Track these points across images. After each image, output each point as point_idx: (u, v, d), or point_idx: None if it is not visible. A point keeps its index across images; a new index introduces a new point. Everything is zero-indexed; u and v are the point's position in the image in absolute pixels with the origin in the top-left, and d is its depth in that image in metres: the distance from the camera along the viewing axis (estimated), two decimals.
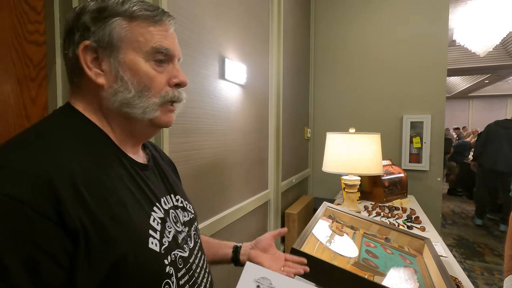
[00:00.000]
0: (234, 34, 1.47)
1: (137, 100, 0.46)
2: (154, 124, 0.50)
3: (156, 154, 0.63)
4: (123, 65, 0.45)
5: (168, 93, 0.49)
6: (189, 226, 0.57)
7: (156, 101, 0.48)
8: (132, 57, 0.45)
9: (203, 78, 1.21)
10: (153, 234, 0.43)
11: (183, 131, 1.09)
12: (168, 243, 0.46)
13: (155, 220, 0.46)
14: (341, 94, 2.84)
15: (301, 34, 2.59)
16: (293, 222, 2.16)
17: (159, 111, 0.49)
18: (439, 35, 2.45)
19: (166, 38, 0.48)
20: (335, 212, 1.26)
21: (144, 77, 0.46)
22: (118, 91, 0.45)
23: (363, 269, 0.87)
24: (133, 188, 0.45)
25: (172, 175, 0.64)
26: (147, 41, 0.46)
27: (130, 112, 0.46)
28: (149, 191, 0.49)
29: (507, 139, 3.43)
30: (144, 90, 0.46)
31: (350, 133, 1.50)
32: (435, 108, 2.48)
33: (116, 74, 0.45)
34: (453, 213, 4.40)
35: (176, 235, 0.50)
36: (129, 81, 0.45)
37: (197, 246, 0.57)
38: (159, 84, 0.48)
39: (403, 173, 2.12)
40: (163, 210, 0.50)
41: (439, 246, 1.26)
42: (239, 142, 1.55)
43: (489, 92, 8.84)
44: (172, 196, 0.56)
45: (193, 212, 0.63)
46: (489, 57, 5.40)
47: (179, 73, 0.51)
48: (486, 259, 2.74)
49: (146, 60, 0.46)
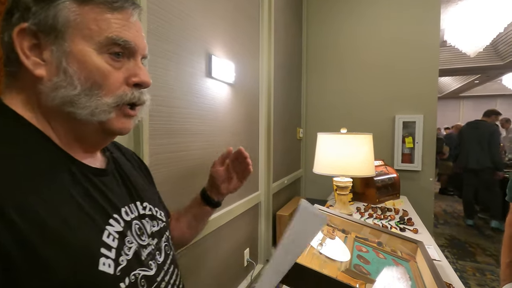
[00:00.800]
0: (222, 31, 1.42)
1: (83, 99, 0.39)
2: (105, 129, 0.42)
3: (119, 155, 0.55)
4: (69, 55, 0.38)
5: (126, 94, 0.42)
6: (159, 237, 0.51)
7: (108, 102, 0.41)
8: (81, 47, 0.38)
9: (188, 77, 1.16)
10: (106, 253, 0.37)
11: (167, 132, 1.04)
12: (126, 262, 0.40)
13: (110, 236, 0.39)
14: (334, 94, 2.81)
15: (292, 34, 2.55)
16: (284, 224, 2.12)
17: (113, 113, 0.42)
18: (431, 36, 2.45)
19: (127, 28, 0.41)
20: (326, 215, 1.22)
21: (94, 72, 0.39)
22: (59, 86, 0.38)
23: (354, 277, 0.83)
24: (81, 199, 0.38)
25: (140, 178, 0.57)
26: (101, 30, 0.39)
27: (75, 112, 0.39)
28: (105, 201, 0.42)
29: (476, 138, 3.63)
30: (93, 88, 0.39)
31: (341, 134, 1.46)
32: (427, 108, 2.47)
33: (59, 65, 0.38)
34: (445, 212, 4.43)
35: (139, 250, 0.43)
36: (75, 75, 0.38)
37: (168, 260, 0.51)
38: (115, 82, 0.41)
39: (396, 174, 2.10)
40: (124, 222, 0.43)
41: (432, 249, 1.23)
42: (228, 143, 1.49)
43: (479, 92, 8.96)
44: (138, 203, 0.50)
45: (165, 220, 0.56)
46: (479, 58, 5.45)
47: (141, 71, 0.44)
48: (477, 259, 2.75)
49: (99, 53, 0.39)
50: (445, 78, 7.77)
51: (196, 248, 1.23)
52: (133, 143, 0.89)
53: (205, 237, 1.29)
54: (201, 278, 1.28)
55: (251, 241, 1.85)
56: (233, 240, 1.60)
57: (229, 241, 1.55)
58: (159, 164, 1.00)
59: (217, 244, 1.42)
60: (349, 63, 2.73)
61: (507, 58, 5.23)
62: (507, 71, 6.36)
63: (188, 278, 1.19)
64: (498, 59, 5.48)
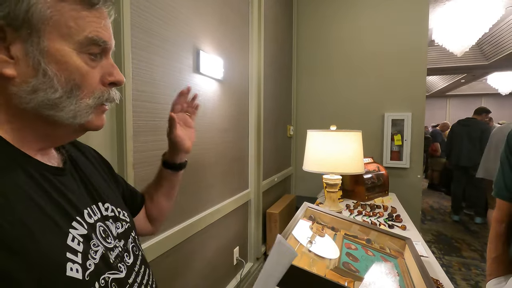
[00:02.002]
0: (211, 26, 1.39)
1: (66, 102, 0.37)
2: (83, 128, 0.42)
3: (77, 153, 0.52)
4: (47, 55, 0.35)
5: (103, 94, 0.41)
6: (125, 239, 0.49)
7: (89, 103, 0.40)
8: (60, 47, 0.36)
9: (176, 72, 1.13)
10: (72, 258, 0.35)
11: (152, 129, 1.01)
12: (94, 266, 0.38)
13: (75, 239, 0.37)
14: (324, 91, 2.81)
15: (283, 31, 2.54)
16: (274, 222, 2.11)
17: (93, 114, 0.41)
18: (419, 35, 2.47)
19: (104, 28, 0.40)
20: (316, 213, 1.21)
21: (75, 73, 0.37)
22: (38, 88, 0.35)
23: (343, 275, 0.82)
24: (40, 200, 0.35)
25: (100, 177, 0.54)
26: (80, 29, 0.37)
27: (55, 115, 0.37)
28: (67, 203, 0.39)
29: (467, 135, 3.69)
30: (74, 90, 0.38)
31: (331, 131, 1.46)
32: (415, 106, 2.50)
33: (37, 66, 0.35)
34: (432, 209, 4.52)
35: (106, 253, 0.41)
36: (55, 77, 0.36)
37: (138, 261, 0.49)
38: (92, 82, 0.40)
39: (385, 171, 2.12)
40: (87, 225, 0.41)
41: (420, 245, 1.24)
42: (216, 141, 1.47)
43: (465, 91, 9.19)
44: (100, 204, 0.47)
45: (129, 220, 0.54)
46: (466, 58, 5.58)
47: (115, 70, 0.43)
48: (463, 254, 2.81)
49: (79, 53, 0.38)
50: (432, 77, 7.92)
51: (184, 247, 1.21)
52: (116, 140, 0.86)
53: (193, 236, 1.26)
54: (189, 278, 1.26)
55: (240, 240, 1.83)
56: (223, 239, 1.58)
57: (218, 240, 1.53)
58: (144, 162, 0.97)
59: (206, 243, 1.40)
60: (339, 61, 2.74)
61: (491, 58, 5.37)
62: (491, 71, 6.54)
63: (175, 278, 1.17)
64: (483, 59, 5.61)
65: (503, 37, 4.59)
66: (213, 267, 1.48)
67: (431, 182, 5.99)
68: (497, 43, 4.85)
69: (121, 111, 0.85)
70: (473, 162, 3.58)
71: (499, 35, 4.59)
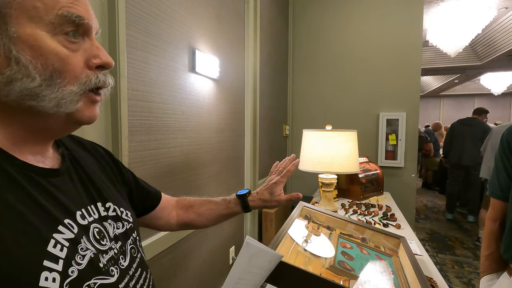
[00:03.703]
0: (206, 25, 1.38)
1: (47, 90, 0.34)
2: (72, 120, 0.38)
3: (81, 151, 0.50)
4: (18, 41, 0.33)
5: (90, 79, 0.38)
6: (124, 240, 0.47)
7: (74, 90, 0.36)
8: (31, 31, 0.33)
9: (171, 71, 1.12)
10: (50, 266, 0.32)
11: (147, 128, 1.00)
12: (78, 272, 0.35)
13: (58, 245, 0.34)
14: (320, 91, 2.82)
15: (278, 31, 2.54)
16: (270, 221, 2.12)
17: (81, 102, 0.38)
18: (414, 35, 2.49)
19: (76, 2, 0.36)
20: (312, 212, 1.22)
21: (52, 58, 0.34)
22: (13, 78, 0.33)
23: (338, 273, 0.83)
24: (20, 206, 0.33)
25: (104, 175, 0.52)
26: (48, 7, 0.34)
27: (37, 106, 0.35)
28: (54, 205, 0.37)
29: (469, 135, 3.69)
30: (54, 76, 0.35)
31: (326, 130, 1.47)
32: (410, 106, 2.53)
33: (8, 54, 0.33)
34: (426, 207, 4.57)
35: (97, 257, 0.39)
36: (30, 64, 0.33)
37: (134, 263, 0.47)
38: (76, 67, 0.37)
39: (379, 170, 2.13)
40: (78, 227, 0.38)
41: (414, 244, 1.26)
42: (212, 140, 1.47)
43: (459, 91, 9.30)
44: (99, 204, 0.45)
45: (132, 220, 0.51)
46: (459, 58, 5.64)
47: (100, 51, 0.39)
48: (456, 253, 2.85)
49: (53, 35, 0.35)
50: (426, 77, 8.00)
51: (180, 247, 1.20)
52: (111, 139, 0.85)
53: (189, 235, 1.26)
54: (185, 278, 1.26)
55: (236, 239, 1.83)
56: (218, 238, 1.58)
57: (214, 239, 1.53)
58: (139, 161, 0.96)
59: (202, 242, 1.40)
60: (335, 61, 2.75)
61: (484, 59, 5.44)
62: (484, 71, 6.62)
63: (172, 277, 1.17)
64: (477, 59, 5.68)
65: (495, 38, 4.65)
66: (209, 266, 1.47)
67: (425, 181, 6.06)
68: (490, 44, 4.91)
69: (116, 110, 0.85)
70: (474, 162, 3.58)
71: (492, 36, 4.65)
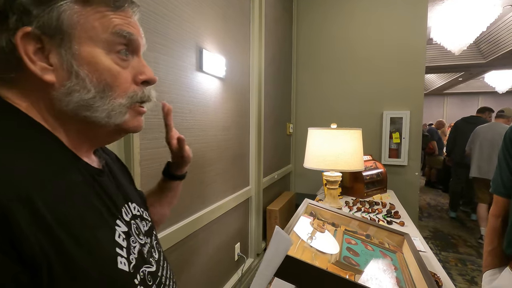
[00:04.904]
0: (213, 25, 1.40)
1: (99, 102, 0.39)
2: (121, 129, 0.43)
3: (106, 156, 0.55)
4: (79, 58, 0.37)
5: (136, 93, 0.42)
6: (150, 236, 0.52)
7: (123, 102, 0.41)
8: (90, 49, 0.38)
9: (179, 70, 1.14)
10: (120, 252, 0.38)
11: (157, 127, 1.02)
12: (135, 260, 0.41)
13: (120, 236, 0.40)
14: (323, 90, 2.83)
15: (283, 29, 2.55)
16: (274, 218, 2.14)
17: (128, 114, 0.42)
18: (418, 33, 2.49)
19: (128, 23, 0.41)
20: (317, 209, 1.24)
21: (105, 74, 0.39)
22: (73, 90, 0.37)
23: (344, 268, 0.85)
24: (94, 200, 0.39)
25: (124, 179, 0.56)
26: (104, 27, 0.38)
27: (91, 116, 0.39)
28: (110, 201, 0.42)
29: None
30: (106, 90, 0.39)
31: (332, 129, 1.48)
32: (413, 104, 2.53)
33: (70, 69, 0.37)
34: (429, 206, 4.57)
35: (141, 249, 0.44)
36: (87, 78, 0.38)
37: (161, 257, 0.52)
38: (124, 82, 0.41)
39: (383, 168, 2.15)
40: (125, 222, 0.43)
41: (418, 241, 1.27)
42: (219, 138, 1.49)
43: (463, 89, 9.23)
44: (129, 204, 0.50)
45: (150, 219, 0.56)
46: (463, 56, 5.61)
47: (146, 68, 0.44)
48: (459, 250, 2.85)
49: (108, 52, 0.39)
50: (430, 75, 7.96)
51: (187, 243, 1.23)
52: (123, 138, 0.87)
53: (196, 232, 1.29)
54: (192, 273, 1.28)
55: (242, 236, 1.86)
56: (224, 235, 1.61)
57: (220, 236, 1.55)
58: (150, 159, 0.99)
59: (208, 239, 1.42)
60: (339, 60, 2.76)
61: (489, 57, 5.40)
62: (489, 69, 6.57)
63: (179, 273, 1.19)
64: (481, 57, 5.65)
65: (500, 36, 4.62)
66: (215, 262, 1.50)
67: (428, 179, 6.05)
68: (494, 41, 4.88)
69: None
70: None
71: (496, 33, 4.62)
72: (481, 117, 3.76)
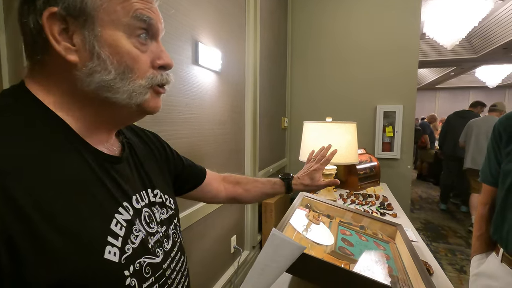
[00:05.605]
0: (209, 18, 1.39)
1: (120, 83, 0.40)
2: (141, 110, 0.44)
3: (135, 138, 0.55)
4: (101, 40, 0.38)
5: (156, 77, 0.43)
6: (168, 225, 0.52)
7: (142, 83, 0.42)
8: (112, 32, 0.39)
9: (175, 63, 1.14)
10: (112, 242, 0.38)
11: (152, 120, 1.02)
12: (132, 250, 0.40)
13: (118, 224, 0.40)
14: (318, 84, 2.84)
15: (278, 23, 2.54)
16: (270, 212, 2.16)
17: (148, 94, 0.43)
18: (412, 28, 2.51)
19: (148, 7, 0.42)
20: (312, 201, 1.26)
21: (125, 57, 0.40)
22: (94, 71, 0.38)
23: (339, 258, 0.87)
24: (93, 187, 0.39)
25: (155, 164, 0.57)
26: (125, 11, 0.39)
27: (112, 97, 0.40)
28: (117, 189, 0.42)
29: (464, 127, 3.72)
30: (126, 72, 0.40)
31: (327, 122, 1.50)
32: (406, 99, 2.56)
33: (92, 50, 0.38)
34: (420, 198, 4.66)
35: (146, 238, 0.44)
36: (108, 59, 0.39)
37: (175, 247, 0.52)
38: (143, 65, 0.42)
39: (377, 162, 2.18)
40: (133, 210, 0.44)
41: (410, 232, 1.31)
42: (215, 132, 1.49)
43: (454, 84, 9.37)
44: (149, 191, 0.50)
45: (174, 207, 0.57)
46: (455, 51, 5.68)
47: (164, 54, 0.45)
48: (449, 241, 2.94)
49: (128, 36, 0.40)
50: (422, 70, 8.05)
51: (184, 236, 1.24)
52: None
53: (193, 225, 1.30)
54: (189, 265, 1.30)
55: (238, 229, 1.88)
56: (220, 228, 1.62)
57: (217, 229, 1.57)
58: None
59: (205, 232, 1.44)
60: (333, 54, 2.76)
61: (480, 51, 5.48)
62: (480, 64, 6.68)
63: None
64: (472, 52, 5.73)
65: (491, 31, 4.69)
66: (212, 255, 1.52)
67: (420, 172, 6.16)
68: (485, 36, 4.95)
69: None
70: None
71: (487, 28, 4.68)
72: (473, 111, 3.83)
